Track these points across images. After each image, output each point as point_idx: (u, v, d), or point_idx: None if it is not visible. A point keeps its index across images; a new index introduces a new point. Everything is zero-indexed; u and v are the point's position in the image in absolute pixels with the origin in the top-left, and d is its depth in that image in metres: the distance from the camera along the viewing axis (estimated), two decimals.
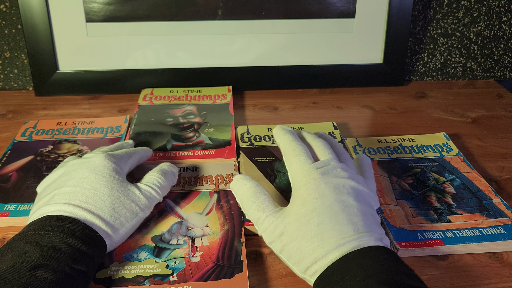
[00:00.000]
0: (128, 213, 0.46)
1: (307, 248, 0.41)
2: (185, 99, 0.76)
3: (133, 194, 0.47)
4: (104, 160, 0.48)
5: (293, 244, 0.42)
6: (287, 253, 0.42)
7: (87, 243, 0.41)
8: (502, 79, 0.91)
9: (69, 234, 0.40)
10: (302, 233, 0.41)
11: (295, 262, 0.42)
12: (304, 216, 0.42)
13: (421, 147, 0.65)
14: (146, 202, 0.48)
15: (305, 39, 0.80)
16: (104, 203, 0.45)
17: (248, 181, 0.47)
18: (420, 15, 0.84)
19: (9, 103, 0.78)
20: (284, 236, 0.42)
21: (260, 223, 0.45)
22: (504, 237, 0.49)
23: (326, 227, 0.41)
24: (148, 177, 0.51)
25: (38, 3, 0.73)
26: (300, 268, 0.41)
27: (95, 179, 0.46)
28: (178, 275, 0.44)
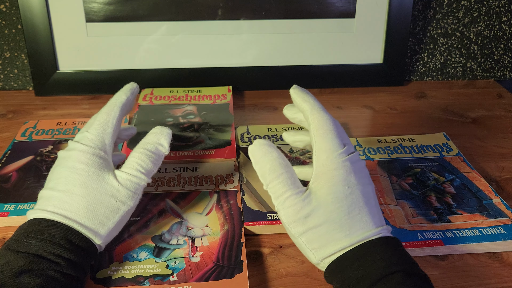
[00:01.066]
0: (108, 211, 0.42)
1: (335, 236, 0.40)
2: (185, 99, 0.76)
3: (111, 188, 0.43)
4: (76, 154, 0.43)
5: (319, 229, 0.40)
6: (309, 237, 0.41)
7: (67, 248, 0.39)
8: (502, 79, 0.91)
9: (48, 240, 0.39)
10: (331, 220, 0.40)
11: (315, 247, 0.41)
12: (334, 202, 0.41)
13: (421, 147, 0.65)
14: (128, 193, 0.44)
15: (305, 39, 0.80)
16: (79, 205, 0.41)
17: (275, 150, 0.44)
18: (420, 15, 0.84)
19: (9, 103, 0.78)
20: (309, 219, 0.41)
21: (282, 199, 0.42)
22: (504, 237, 0.49)
23: (355, 217, 0.41)
24: (130, 160, 0.45)
25: (38, 3, 0.73)
26: (319, 254, 0.41)
27: (69, 179, 0.42)
28: (178, 275, 0.44)
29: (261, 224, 0.51)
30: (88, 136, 0.45)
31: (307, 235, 0.41)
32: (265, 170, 0.43)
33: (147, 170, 0.45)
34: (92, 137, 0.45)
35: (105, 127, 0.46)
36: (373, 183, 0.44)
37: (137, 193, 0.45)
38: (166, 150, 0.47)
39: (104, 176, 0.43)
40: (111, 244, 0.47)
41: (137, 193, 0.45)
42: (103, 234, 0.42)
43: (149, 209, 0.52)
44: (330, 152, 0.43)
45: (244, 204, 0.53)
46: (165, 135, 0.47)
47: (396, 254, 0.39)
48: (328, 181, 0.42)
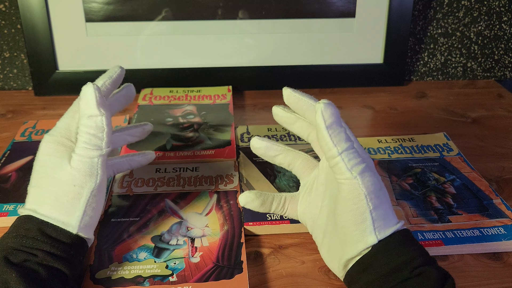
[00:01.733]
0: (69, 198, 0.41)
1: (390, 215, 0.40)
2: (185, 99, 0.75)
3: (66, 174, 0.42)
4: (42, 146, 0.44)
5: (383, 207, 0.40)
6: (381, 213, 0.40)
7: (41, 240, 0.39)
8: (502, 79, 0.91)
9: (23, 235, 0.40)
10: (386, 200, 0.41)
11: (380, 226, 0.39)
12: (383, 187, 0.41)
13: (421, 147, 0.65)
14: (81, 175, 0.42)
15: (305, 39, 0.80)
16: (46, 199, 0.41)
17: None
18: (420, 15, 0.84)
19: (9, 103, 0.78)
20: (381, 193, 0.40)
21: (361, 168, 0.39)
22: (504, 237, 0.49)
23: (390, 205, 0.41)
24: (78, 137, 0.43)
25: (38, 3, 0.73)
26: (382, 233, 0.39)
27: (37, 173, 0.43)
28: (178, 275, 0.44)
29: (261, 224, 0.51)
30: (57, 124, 0.45)
31: (379, 210, 0.40)
32: (342, 135, 0.40)
33: (94, 144, 0.42)
34: (58, 125, 0.45)
35: (74, 114, 0.45)
36: None
37: (95, 169, 0.42)
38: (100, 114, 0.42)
39: (59, 164, 0.42)
40: (111, 244, 0.47)
41: (94, 172, 0.42)
42: (75, 223, 0.41)
43: (149, 209, 0.52)
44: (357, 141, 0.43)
45: None
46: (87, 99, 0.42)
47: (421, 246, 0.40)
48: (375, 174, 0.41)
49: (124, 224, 0.50)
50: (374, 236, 0.39)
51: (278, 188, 0.56)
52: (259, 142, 0.48)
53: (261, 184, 0.57)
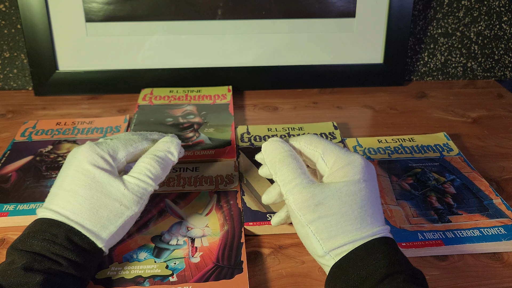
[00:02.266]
0: (111, 215, 0.42)
1: (346, 228, 0.40)
2: (185, 99, 0.75)
3: (116, 192, 0.43)
4: (86, 153, 0.44)
5: (331, 219, 0.40)
6: (319, 226, 0.40)
7: (68, 248, 0.39)
8: (502, 79, 0.91)
9: (50, 240, 0.39)
10: (343, 211, 0.40)
11: (324, 238, 0.40)
12: (347, 194, 0.41)
13: (421, 147, 0.65)
14: (134, 198, 0.43)
15: (305, 39, 0.80)
16: (82, 207, 0.41)
17: (287, 145, 0.45)
18: (421, 15, 0.84)
19: (9, 103, 0.78)
20: (321, 208, 0.40)
21: (292, 185, 0.42)
22: (504, 237, 0.49)
23: (367, 212, 0.41)
24: (138, 165, 0.45)
25: (38, 3, 0.73)
26: (327, 245, 0.40)
27: (74, 178, 0.43)
28: (178, 275, 0.44)
29: (261, 224, 0.51)
30: (107, 141, 0.46)
31: (317, 224, 0.40)
32: (275, 161, 0.44)
33: (156, 176, 0.45)
34: (109, 143, 0.45)
35: (128, 145, 0.46)
36: None
37: (143, 199, 0.44)
38: (175, 158, 0.47)
39: (110, 179, 0.43)
40: None
41: (143, 199, 0.44)
42: (105, 237, 0.42)
43: (149, 209, 0.52)
44: (337, 151, 0.44)
45: (244, 204, 0.53)
46: (175, 144, 0.48)
47: (396, 254, 0.39)
48: (344, 174, 0.42)
49: None
50: (320, 248, 0.40)
51: None
52: None
53: (261, 184, 0.57)
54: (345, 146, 0.64)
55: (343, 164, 0.42)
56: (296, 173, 0.42)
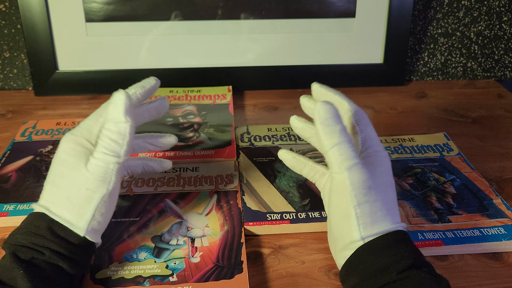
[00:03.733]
0: (81, 201, 0.41)
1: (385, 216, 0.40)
2: (185, 99, 0.75)
3: (80, 176, 0.41)
4: (62, 144, 0.43)
5: (376, 204, 0.40)
6: (365, 210, 0.40)
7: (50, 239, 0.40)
8: (502, 79, 0.91)
9: (33, 232, 0.40)
10: (386, 200, 0.41)
11: (366, 222, 0.40)
12: (388, 185, 0.42)
13: (421, 147, 0.65)
14: (96, 180, 0.41)
15: (305, 39, 0.80)
16: (59, 197, 0.41)
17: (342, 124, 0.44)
18: (421, 15, 0.84)
19: (9, 103, 0.78)
20: (372, 192, 0.40)
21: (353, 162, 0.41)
22: (504, 237, 0.49)
23: (395, 205, 0.42)
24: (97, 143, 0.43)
25: (38, 3, 0.73)
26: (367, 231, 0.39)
27: (54, 170, 0.43)
28: (178, 275, 0.44)
29: (261, 224, 0.51)
30: (80, 124, 0.45)
31: (364, 207, 0.40)
32: (336, 130, 0.41)
33: (111, 150, 0.42)
34: (81, 125, 0.45)
35: (98, 117, 0.45)
36: None
37: (107, 177, 0.42)
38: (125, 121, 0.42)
39: (75, 165, 0.42)
40: (111, 244, 0.47)
41: (107, 178, 0.42)
42: (83, 226, 0.41)
43: (149, 209, 0.52)
44: (377, 140, 0.44)
45: (244, 204, 0.53)
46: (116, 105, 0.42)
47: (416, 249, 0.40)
48: (382, 163, 0.43)
49: (124, 224, 0.50)
50: (358, 232, 0.40)
51: (278, 188, 0.56)
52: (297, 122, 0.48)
53: (261, 184, 0.57)
54: None
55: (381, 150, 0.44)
56: (355, 152, 0.42)
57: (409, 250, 0.39)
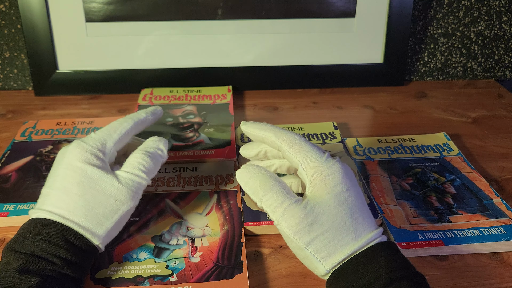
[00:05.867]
0: (106, 211, 0.42)
1: (342, 240, 0.39)
2: (185, 99, 0.75)
3: (110, 187, 0.42)
4: (75, 151, 0.43)
5: (326, 235, 0.39)
6: (317, 246, 0.39)
7: (64, 248, 0.39)
8: (502, 79, 0.91)
9: (46, 240, 0.39)
10: (336, 225, 0.40)
11: (324, 256, 0.39)
12: (336, 206, 0.40)
13: (421, 147, 0.65)
14: (128, 193, 0.43)
15: (305, 39, 0.80)
16: (76, 205, 0.41)
17: (262, 169, 0.44)
18: (421, 15, 0.84)
19: (9, 103, 0.78)
20: (315, 226, 0.39)
21: (281, 210, 0.40)
22: (504, 237, 0.49)
23: (357, 220, 0.40)
24: (130, 160, 0.45)
25: (38, 3, 0.73)
26: (329, 263, 0.39)
27: (66, 177, 0.42)
28: (178, 275, 0.44)
29: (261, 224, 0.51)
30: (92, 136, 0.45)
31: (315, 244, 0.39)
32: (256, 187, 0.42)
33: (148, 170, 0.45)
34: (95, 137, 0.45)
35: (112, 132, 0.46)
36: None
37: (138, 193, 0.44)
38: (164, 155, 0.47)
39: (103, 175, 0.43)
40: (111, 244, 0.47)
41: (137, 193, 0.44)
42: (101, 234, 0.42)
43: (149, 209, 0.52)
44: (317, 160, 0.42)
45: (244, 204, 0.53)
46: (163, 142, 0.48)
47: (398, 259, 0.39)
48: (326, 186, 0.41)
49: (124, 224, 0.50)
50: (322, 267, 0.40)
51: None
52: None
53: None
54: (345, 146, 0.64)
55: (324, 176, 0.41)
56: (282, 196, 0.41)
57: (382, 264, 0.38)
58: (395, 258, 0.39)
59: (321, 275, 0.41)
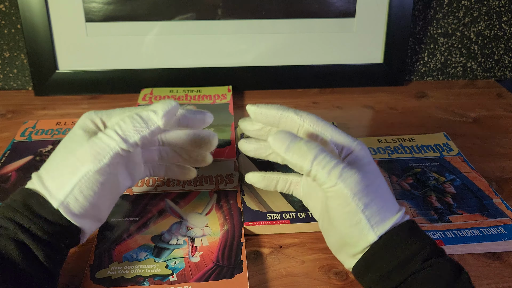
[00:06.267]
0: (67, 171, 0.38)
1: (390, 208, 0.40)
2: (184, 99, 0.75)
3: (77, 146, 0.39)
4: (80, 119, 0.42)
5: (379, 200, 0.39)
6: (373, 209, 0.38)
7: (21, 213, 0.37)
8: (502, 79, 0.91)
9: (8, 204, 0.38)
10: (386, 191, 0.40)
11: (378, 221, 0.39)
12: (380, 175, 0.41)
13: (421, 147, 0.65)
14: (90, 152, 0.38)
15: (305, 39, 0.80)
16: (48, 164, 0.40)
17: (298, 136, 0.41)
18: (420, 15, 0.84)
19: (9, 103, 0.78)
20: (371, 188, 0.39)
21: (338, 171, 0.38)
22: (504, 237, 0.49)
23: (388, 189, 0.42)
24: None
25: (38, 3, 0.73)
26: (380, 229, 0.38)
27: (63, 141, 0.41)
28: (178, 275, 0.44)
29: (261, 224, 0.51)
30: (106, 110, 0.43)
31: (371, 207, 0.38)
32: (303, 150, 0.39)
33: (125, 132, 0.39)
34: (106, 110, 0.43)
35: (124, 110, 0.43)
36: None
37: (103, 155, 0.39)
38: (159, 118, 0.40)
39: (82, 136, 0.40)
40: (111, 244, 0.47)
41: (102, 155, 0.39)
42: (60, 197, 0.38)
43: (149, 209, 0.52)
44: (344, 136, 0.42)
45: (244, 204, 0.53)
46: (163, 103, 0.41)
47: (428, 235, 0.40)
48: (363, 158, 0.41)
49: (124, 224, 0.50)
50: (373, 233, 0.39)
51: None
52: (247, 145, 0.48)
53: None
54: None
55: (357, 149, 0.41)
56: (335, 157, 0.39)
57: (425, 237, 0.39)
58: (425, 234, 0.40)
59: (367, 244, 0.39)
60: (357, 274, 0.41)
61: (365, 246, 0.39)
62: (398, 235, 0.39)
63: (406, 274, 0.38)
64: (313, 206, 0.47)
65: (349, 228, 0.39)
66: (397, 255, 0.38)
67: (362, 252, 0.40)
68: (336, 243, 0.43)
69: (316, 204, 0.46)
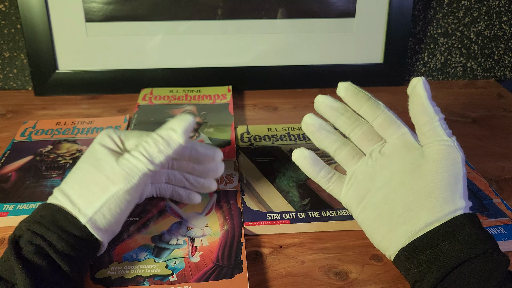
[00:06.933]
0: (97, 189, 0.41)
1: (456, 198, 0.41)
2: (184, 99, 0.76)
3: (106, 165, 0.41)
4: (99, 135, 0.44)
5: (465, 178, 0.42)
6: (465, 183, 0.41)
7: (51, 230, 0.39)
8: (502, 79, 0.91)
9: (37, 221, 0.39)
10: None
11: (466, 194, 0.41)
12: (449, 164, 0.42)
13: None
14: (121, 173, 0.41)
15: (305, 39, 0.80)
16: (75, 180, 0.42)
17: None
18: (420, 15, 0.84)
19: (9, 103, 0.78)
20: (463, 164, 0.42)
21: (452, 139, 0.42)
22: (504, 237, 0.49)
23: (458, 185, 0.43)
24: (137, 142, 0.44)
25: (38, 3, 0.73)
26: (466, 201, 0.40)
27: (82, 157, 0.44)
28: (178, 275, 0.44)
29: (261, 224, 0.51)
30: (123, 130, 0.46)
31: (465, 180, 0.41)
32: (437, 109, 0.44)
33: (150, 154, 0.42)
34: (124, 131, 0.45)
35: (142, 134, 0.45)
36: None
37: (133, 176, 0.41)
38: (178, 136, 0.42)
39: (107, 155, 0.42)
40: (111, 244, 0.47)
41: (132, 176, 0.41)
42: (88, 213, 0.40)
43: (149, 209, 0.52)
44: None
45: (244, 204, 0.53)
46: (181, 120, 0.43)
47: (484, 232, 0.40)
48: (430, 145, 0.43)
49: (124, 224, 0.50)
50: (463, 200, 0.40)
51: (278, 188, 0.56)
52: (314, 119, 0.48)
53: (261, 184, 0.57)
54: None
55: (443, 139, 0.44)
56: None
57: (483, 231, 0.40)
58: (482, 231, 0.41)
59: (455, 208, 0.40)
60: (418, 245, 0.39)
61: (449, 211, 0.40)
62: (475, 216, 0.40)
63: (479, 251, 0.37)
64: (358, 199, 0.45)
65: (445, 186, 0.40)
66: (473, 233, 0.38)
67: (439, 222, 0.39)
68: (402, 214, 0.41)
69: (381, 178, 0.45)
